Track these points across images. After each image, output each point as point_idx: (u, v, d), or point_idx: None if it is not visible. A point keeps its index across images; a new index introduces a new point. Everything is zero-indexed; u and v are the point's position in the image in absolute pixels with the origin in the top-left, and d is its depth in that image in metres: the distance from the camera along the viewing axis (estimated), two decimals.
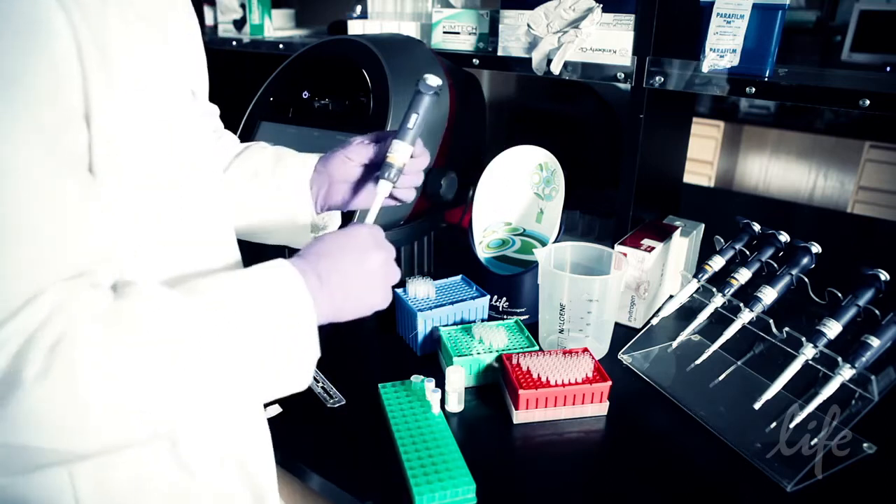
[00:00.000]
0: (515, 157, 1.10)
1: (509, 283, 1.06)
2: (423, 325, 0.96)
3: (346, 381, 0.92)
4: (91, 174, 0.45)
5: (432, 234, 1.17)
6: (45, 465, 0.44)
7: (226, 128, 0.88)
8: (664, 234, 1.07)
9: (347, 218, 0.93)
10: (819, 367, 0.76)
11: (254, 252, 0.80)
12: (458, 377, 0.84)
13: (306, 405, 0.87)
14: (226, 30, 1.63)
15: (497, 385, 0.91)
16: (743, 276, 0.89)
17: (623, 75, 1.02)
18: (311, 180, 0.80)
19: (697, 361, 0.88)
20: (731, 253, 0.94)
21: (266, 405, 0.85)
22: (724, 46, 0.92)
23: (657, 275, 1.07)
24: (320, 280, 0.56)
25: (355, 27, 1.37)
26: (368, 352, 1.02)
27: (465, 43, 1.21)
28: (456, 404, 0.86)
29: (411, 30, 1.30)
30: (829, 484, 0.74)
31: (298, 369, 0.54)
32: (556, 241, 1.06)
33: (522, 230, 1.15)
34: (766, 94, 0.89)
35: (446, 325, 0.98)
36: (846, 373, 0.73)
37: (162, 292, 0.47)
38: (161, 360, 0.44)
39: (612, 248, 1.01)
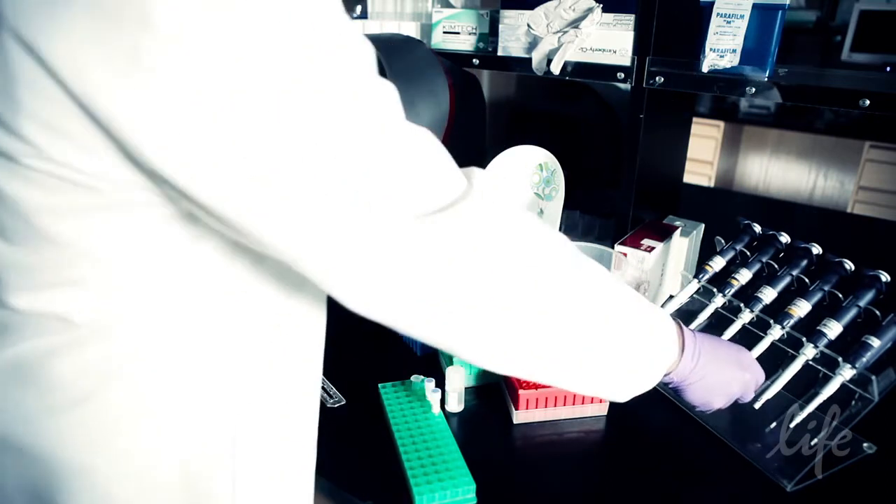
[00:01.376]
0: (515, 157, 1.10)
1: None
2: None
3: (346, 381, 0.92)
4: None
5: None
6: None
7: None
8: (664, 234, 1.07)
9: None
10: (819, 367, 0.76)
11: None
12: (458, 377, 0.84)
13: None
14: None
15: (497, 385, 0.91)
16: (743, 276, 0.89)
17: (623, 75, 1.02)
18: None
19: None
20: (731, 253, 0.93)
21: None
22: (724, 46, 0.92)
23: (657, 275, 1.07)
24: (694, 347, 0.64)
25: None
26: (368, 352, 1.02)
27: (465, 43, 1.21)
28: (456, 404, 0.86)
29: (411, 30, 1.30)
30: (829, 484, 0.74)
31: (641, 378, 0.61)
32: None
33: None
34: (766, 94, 0.89)
35: None
36: (846, 373, 0.73)
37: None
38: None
39: (612, 248, 1.01)
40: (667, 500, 0.72)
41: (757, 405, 0.78)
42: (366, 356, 1.00)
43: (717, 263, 0.93)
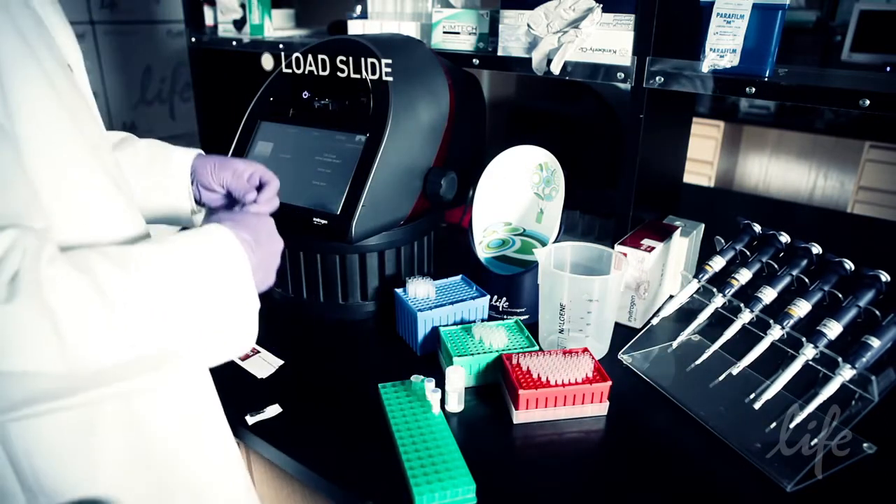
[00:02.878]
0: (515, 157, 1.10)
1: (509, 283, 1.06)
2: (423, 325, 0.96)
3: (346, 381, 0.92)
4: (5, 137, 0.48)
5: (432, 234, 1.17)
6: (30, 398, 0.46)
7: (226, 128, 0.89)
8: (664, 234, 1.07)
9: None
10: (819, 367, 0.76)
11: None
12: (458, 377, 0.84)
13: (306, 405, 0.87)
14: (226, 30, 1.63)
15: (497, 385, 0.91)
16: (743, 276, 0.89)
17: (623, 75, 1.02)
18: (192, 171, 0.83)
19: (697, 362, 0.88)
20: (731, 253, 0.94)
21: (266, 405, 0.85)
22: (724, 46, 0.92)
23: (657, 275, 1.07)
24: (253, 251, 0.62)
25: (355, 27, 1.37)
26: (368, 352, 1.02)
27: (465, 43, 1.21)
28: (456, 404, 0.86)
29: (411, 30, 1.30)
30: (829, 484, 0.74)
31: (245, 321, 0.59)
32: (556, 241, 1.06)
33: (522, 230, 1.15)
34: (766, 94, 0.89)
35: (446, 325, 0.98)
36: (846, 373, 0.73)
37: (116, 251, 0.51)
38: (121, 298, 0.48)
39: (612, 248, 1.01)
40: (666, 500, 0.72)
41: (757, 405, 0.78)
42: (366, 356, 1.01)
43: (717, 263, 0.93)
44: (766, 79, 0.90)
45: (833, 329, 0.77)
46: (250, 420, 0.83)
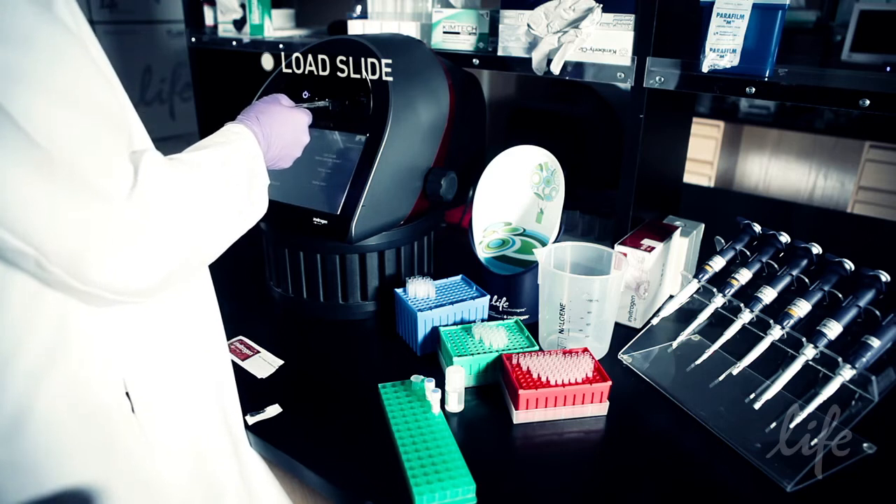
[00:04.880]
0: (515, 157, 1.10)
1: (509, 283, 1.06)
2: (423, 325, 0.96)
3: (346, 381, 0.92)
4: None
5: (432, 234, 1.17)
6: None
7: None
8: (664, 234, 1.07)
9: None
10: (819, 367, 0.76)
11: None
12: (458, 377, 0.84)
13: (306, 405, 0.87)
14: (226, 30, 1.63)
15: (497, 385, 0.91)
16: (743, 276, 0.89)
17: (623, 75, 1.02)
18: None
19: (697, 361, 0.88)
20: (731, 253, 0.94)
21: (266, 405, 0.85)
22: (724, 46, 0.92)
23: (657, 275, 1.07)
24: (268, 141, 0.80)
25: (355, 27, 1.37)
26: (368, 352, 1.02)
27: (465, 43, 1.21)
28: (456, 404, 0.86)
29: (411, 30, 1.30)
30: (829, 484, 0.74)
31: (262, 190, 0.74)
32: (556, 241, 1.06)
33: (522, 230, 1.15)
34: (766, 94, 0.89)
35: (446, 325, 0.98)
36: (846, 373, 0.73)
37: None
38: (204, 184, 0.63)
39: (612, 248, 1.01)
40: (666, 500, 0.72)
41: (757, 405, 0.78)
42: (366, 356, 1.01)
43: (717, 263, 0.93)
44: (766, 79, 0.90)
45: (833, 329, 0.77)
46: (250, 420, 0.83)
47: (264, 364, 0.96)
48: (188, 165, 0.63)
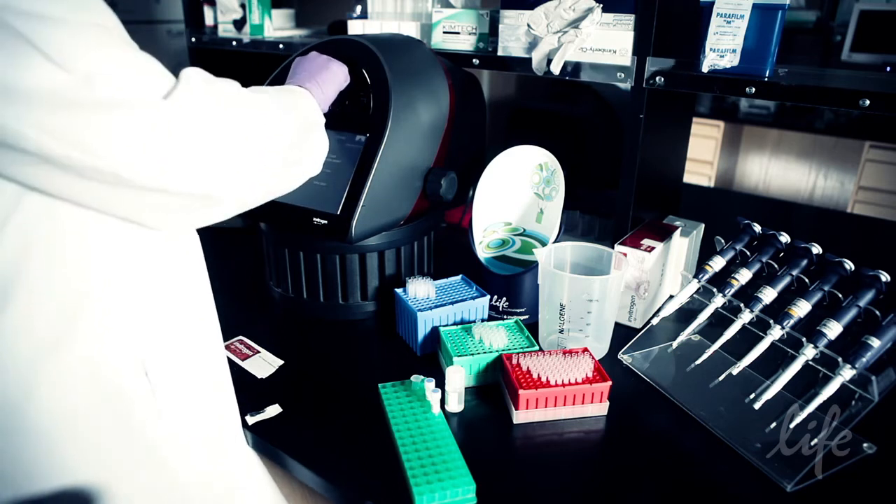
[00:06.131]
0: (515, 157, 1.10)
1: (509, 283, 1.06)
2: (423, 325, 0.96)
3: (346, 381, 0.92)
4: None
5: (432, 234, 1.17)
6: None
7: None
8: (664, 234, 1.07)
9: None
10: (819, 367, 0.76)
11: None
12: (458, 377, 0.84)
13: (306, 405, 0.87)
14: (226, 30, 1.63)
15: (497, 385, 0.91)
16: (743, 276, 0.89)
17: (623, 75, 1.02)
18: None
19: (697, 362, 0.88)
20: (731, 253, 0.94)
21: (266, 405, 0.85)
22: (724, 46, 0.92)
23: (657, 275, 1.07)
24: (322, 91, 0.90)
25: (355, 27, 1.37)
26: (368, 352, 1.02)
27: (465, 43, 1.21)
28: (456, 404, 0.86)
29: (411, 30, 1.30)
30: (829, 484, 0.74)
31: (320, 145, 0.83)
32: (556, 241, 1.06)
33: (522, 230, 1.15)
34: (766, 94, 0.89)
35: (446, 325, 0.98)
36: (846, 373, 0.73)
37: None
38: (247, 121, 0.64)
39: (612, 248, 1.01)
40: (666, 500, 0.72)
41: (757, 405, 0.78)
42: (366, 356, 1.01)
43: (717, 263, 0.93)
44: (766, 79, 0.90)
45: (833, 329, 0.77)
46: (250, 420, 0.83)
47: (264, 364, 0.96)
48: (236, 86, 0.65)
